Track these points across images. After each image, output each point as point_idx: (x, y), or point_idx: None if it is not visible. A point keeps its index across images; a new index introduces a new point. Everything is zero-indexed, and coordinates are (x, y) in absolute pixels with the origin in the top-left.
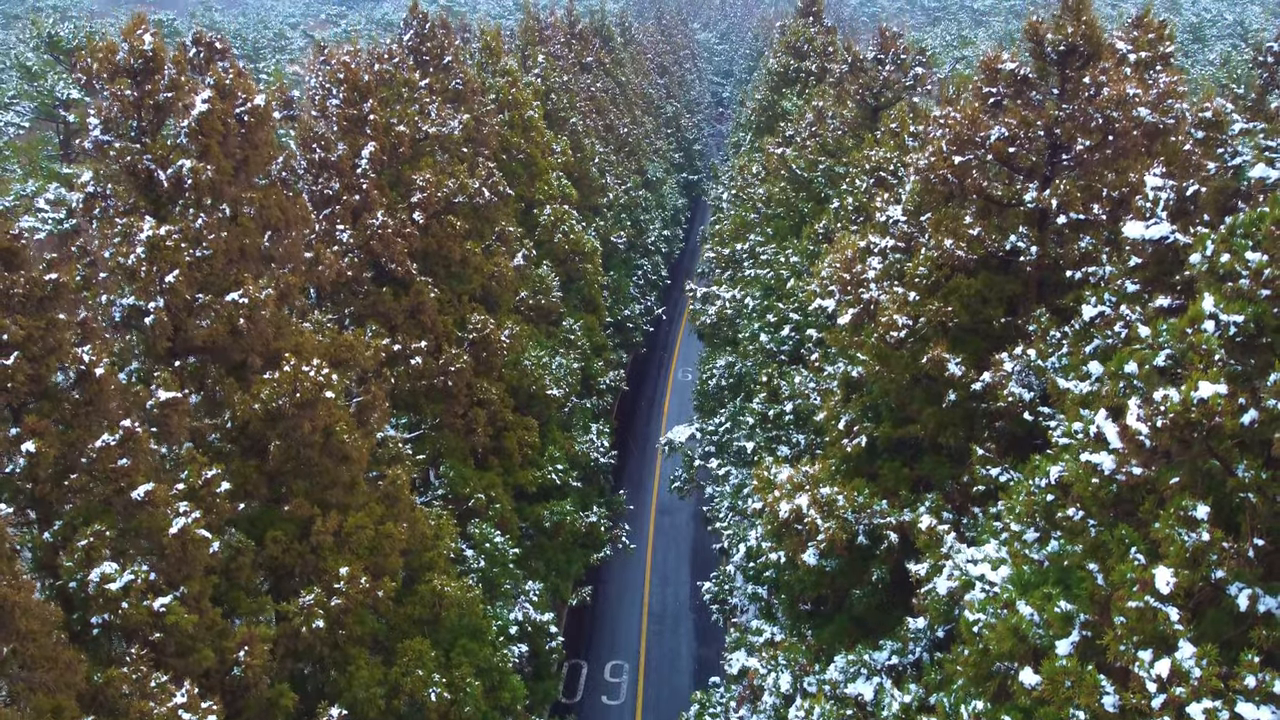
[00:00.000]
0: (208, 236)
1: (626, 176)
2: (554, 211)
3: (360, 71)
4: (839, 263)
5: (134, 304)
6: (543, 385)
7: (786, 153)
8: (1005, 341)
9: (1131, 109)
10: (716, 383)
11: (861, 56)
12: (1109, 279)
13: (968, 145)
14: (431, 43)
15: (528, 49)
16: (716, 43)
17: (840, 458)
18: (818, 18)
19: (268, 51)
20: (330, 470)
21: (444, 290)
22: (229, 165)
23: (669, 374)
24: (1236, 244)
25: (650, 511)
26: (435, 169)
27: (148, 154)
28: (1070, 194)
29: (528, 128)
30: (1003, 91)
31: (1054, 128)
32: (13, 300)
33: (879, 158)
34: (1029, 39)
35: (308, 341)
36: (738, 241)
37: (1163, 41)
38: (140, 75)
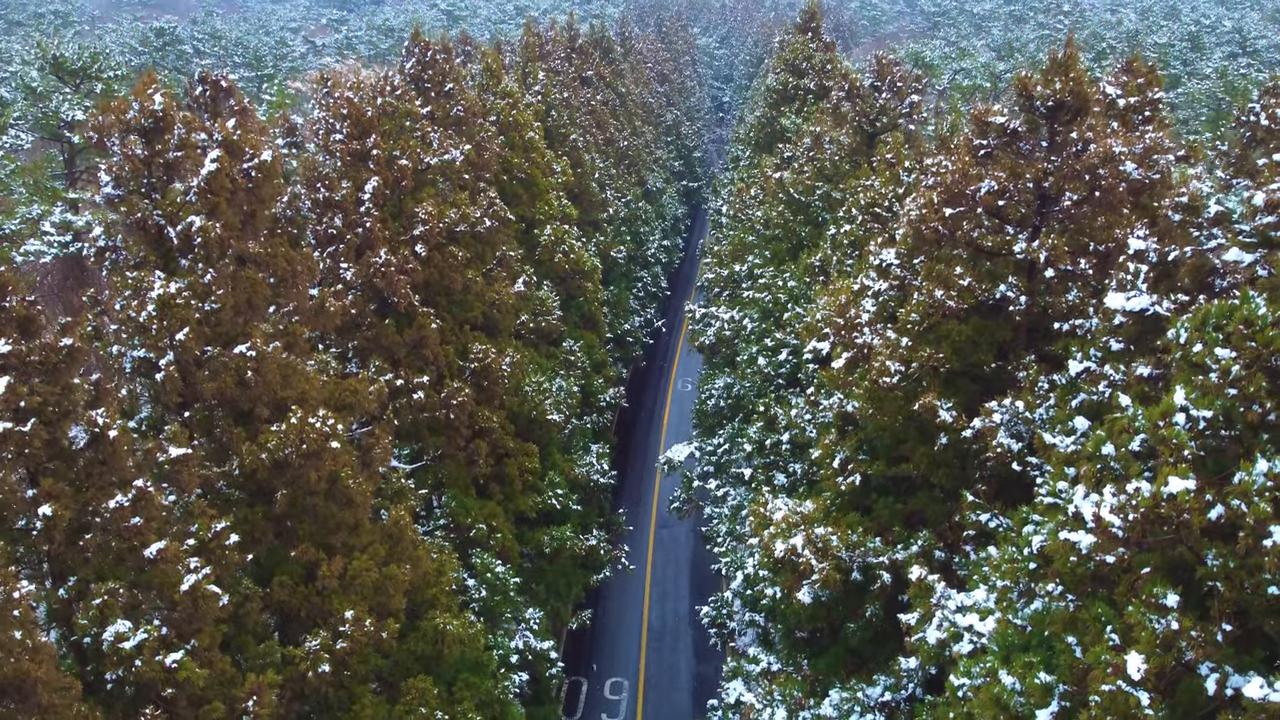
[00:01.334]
0: (216, 291)
1: (626, 189)
2: (554, 231)
3: (364, 106)
4: (833, 306)
5: (144, 356)
6: (543, 411)
7: (785, 176)
8: (996, 385)
9: (1118, 165)
10: (715, 403)
11: (859, 83)
12: (1095, 332)
13: (958, 198)
14: (433, 70)
15: (528, 65)
16: (716, 47)
17: (834, 494)
18: (816, 33)
19: (269, 59)
20: (335, 514)
21: (446, 319)
22: (236, 220)
23: (669, 385)
24: (1208, 335)
25: (650, 525)
26: (437, 199)
27: (157, 209)
28: (1058, 248)
29: (528, 149)
30: (993, 143)
31: (1043, 181)
32: (30, 367)
33: (874, 194)
34: (1019, 94)
35: (313, 388)
36: (736, 262)
37: (1151, 87)
38: (151, 133)
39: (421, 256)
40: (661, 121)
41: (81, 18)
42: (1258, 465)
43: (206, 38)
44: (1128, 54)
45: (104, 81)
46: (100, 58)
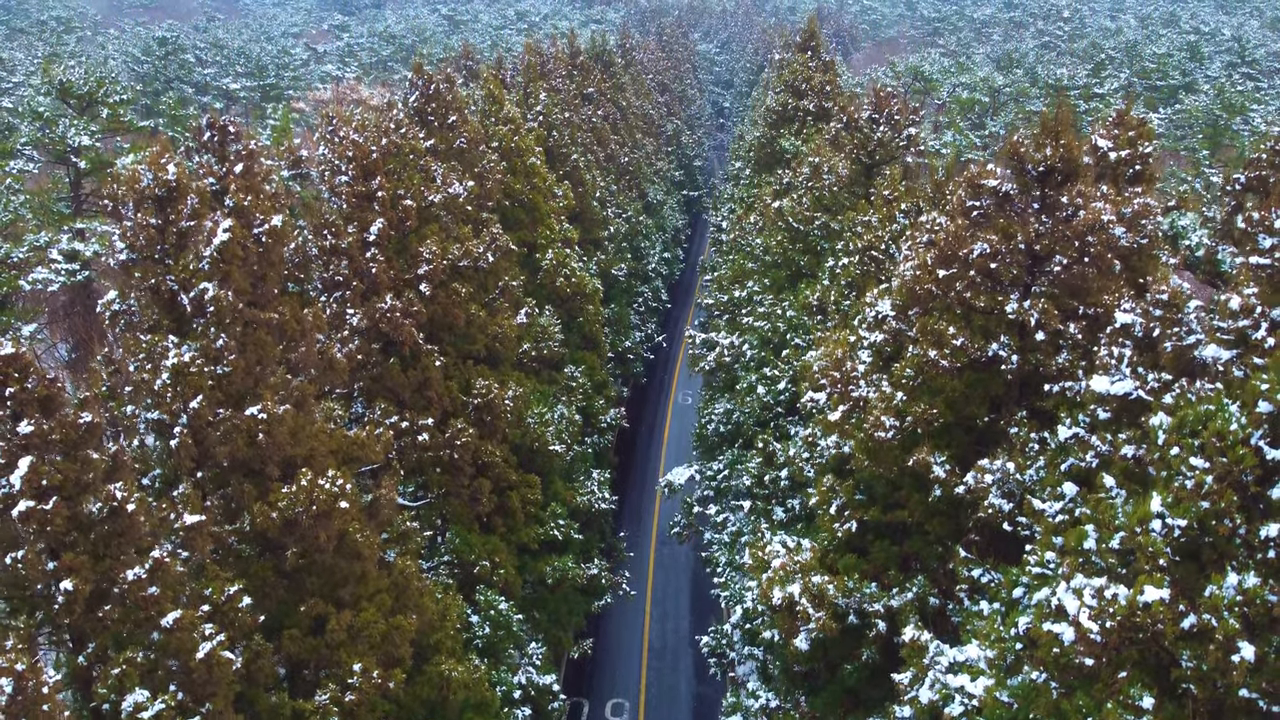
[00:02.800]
0: (228, 356)
1: (627, 204)
2: (556, 255)
3: (368, 146)
4: (830, 359)
5: (158, 418)
6: (545, 441)
7: (784, 205)
8: (989, 436)
9: (1107, 232)
10: (715, 428)
11: (856, 115)
12: (1084, 396)
13: (952, 260)
14: (436, 103)
15: (529, 86)
16: (717, 53)
17: (831, 537)
18: (816, 52)
19: (271, 68)
20: (343, 567)
21: (449, 352)
22: (247, 284)
23: (669, 400)
24: (1184, 441)
25: (650, 543)
26: (440, 234)
27: (170, 275)
28: (1048, 311)
29: (530, 174)
30: (986, 204)
31: (1034, 243)
32: (51, 445)
33: (871, 234)
34: (1010, 158)
35: (321, 443)
36: (736, 288)
37: (1142, 141)
38: (164, 202)
39: (426, 295)
40: (662, 132)
41: (83, 22)
42: (1228, 579)
43: (209, 46)
44: (1125, 64)
45: (110, 106)
46: (106, 82)
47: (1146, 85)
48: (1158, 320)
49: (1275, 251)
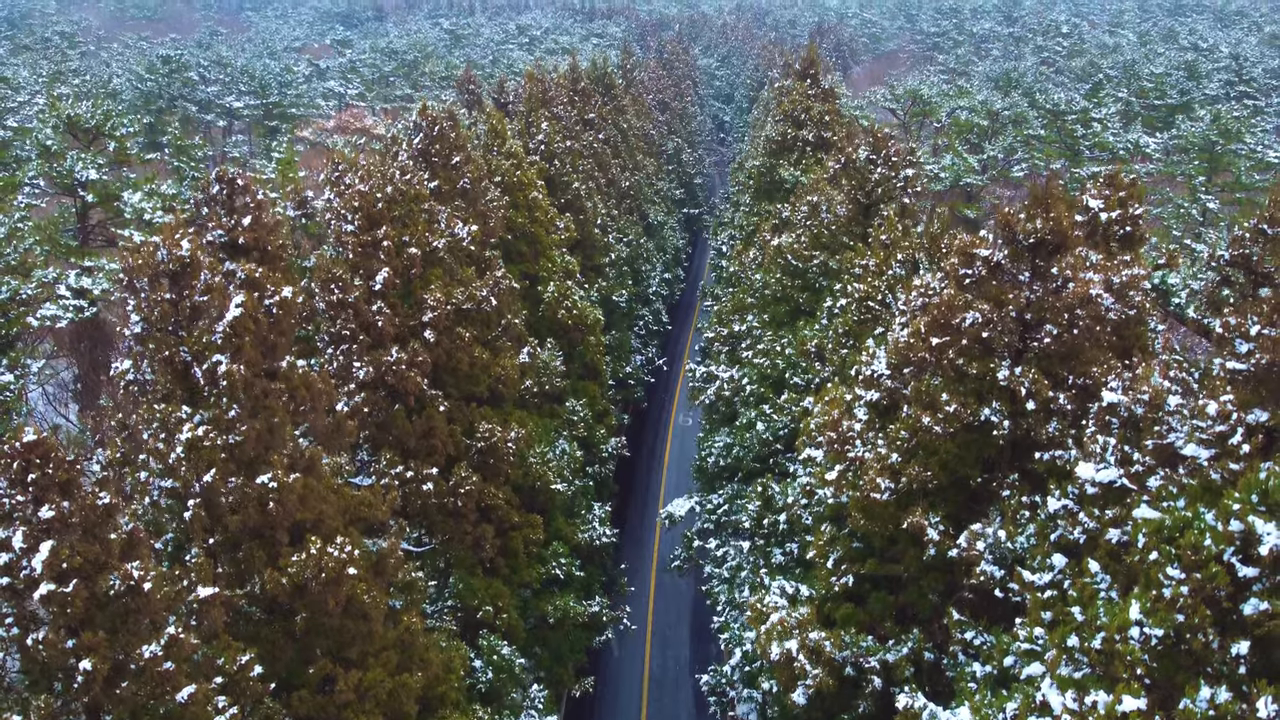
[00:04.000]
0: (239, 427)
1: (628, 229)
2: (557, 287)
3: (374, 195)
4: (826, 417)
5: (171, 486)
6: (547, 481)
7: (783, 242)
8: (983, 495)
9: (1095, 305)
10: (715, 462)
11: (855, 157)
12: (1075, 459)
13: (945, 328)
14: (440, 144)
15: (531, 115)
16: (717, 67)
17: (828, 589)
18: (815, 80)
19: (274, 86)
20: (351, 628)
21: (452, 394)
22: (259, 355)
23: (669, 421)
24: (1162, 549)
25: (651, 569)
26: (444, 278)
27: (184, 346)
28: (1038, 382)
29: (532, 208)
30: (978, 272)
31: (1025, 312)
32: (71, 527)
33: (868, 284)
34: (1002, 229)
35: (330, 506)
36: (736, 321)
37: (1132, 201)
38: (178, 277)
39: (430, 342)
40: (662, 151)
41: (87, 37)
42: (1201, 692)
43: (212, 64)
44: (1123, 83)
45: (116, 139)
46: (113, 115)
47: (1145, 104)
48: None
49: (1251, 357)
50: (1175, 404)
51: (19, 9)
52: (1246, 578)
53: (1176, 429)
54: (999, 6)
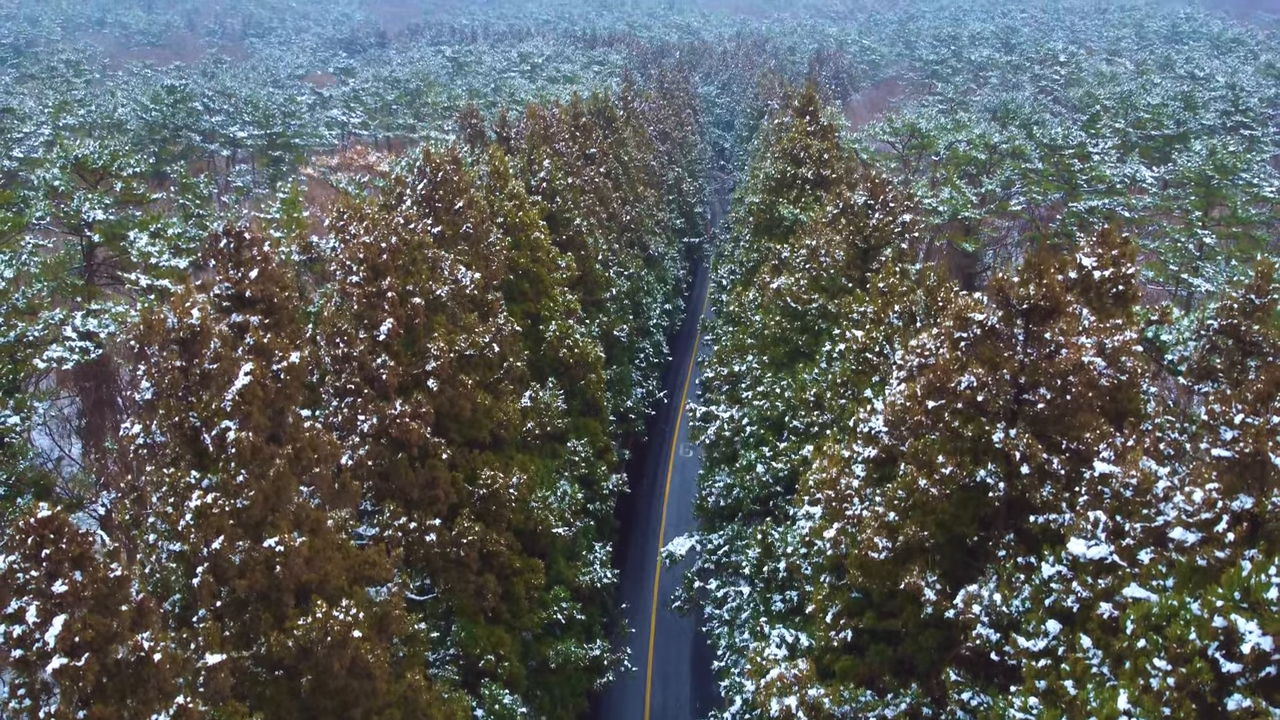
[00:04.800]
0: (247, 492)
1: (629, 262)
2: (559, 326)
3: (379, 246)
4: (825, 474)
5: (180, 550)
6: (549, 524)
7: (782, 284)
8: (980, 552)
9: (1088, 372)
10: (715, 501)
11: (853, 201)
12: (1067, 530)
13: (940, 391)
14: (443, 189)
15: (533, 153)
16: (717, 95)
17: (827, 643)
18: (814, 117)
19: (278, 116)
20: (355, 687)
21: (455, 441)
22: (266, 420)
23: (670, 452)
24: (1149, 638)
25: (652, 604)
26: (447, 324)
27: (193, 411)
28: (1032, 446)
29: (534, 248)
30: (973, 336)
31: (1019, 375)
32: (83, 601)
33: (867, 336)
34: (995, 294)
35: (335, 566)
36: (736, 361)
37: (1125, 260)
38: (188, 345)
39: (433, 391)
40: (663, 181)
41: (92, 65)
42: None
43: (217, 94)
44: (1120, 113)
45: (123, 180)
46: (120, 156)
47: (1142, 135)
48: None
49: (1236, 444)
50: (1163, 487)
51: (24, 35)
52: (1230, 673)
53: (1165, 511)
54: (997, 34)
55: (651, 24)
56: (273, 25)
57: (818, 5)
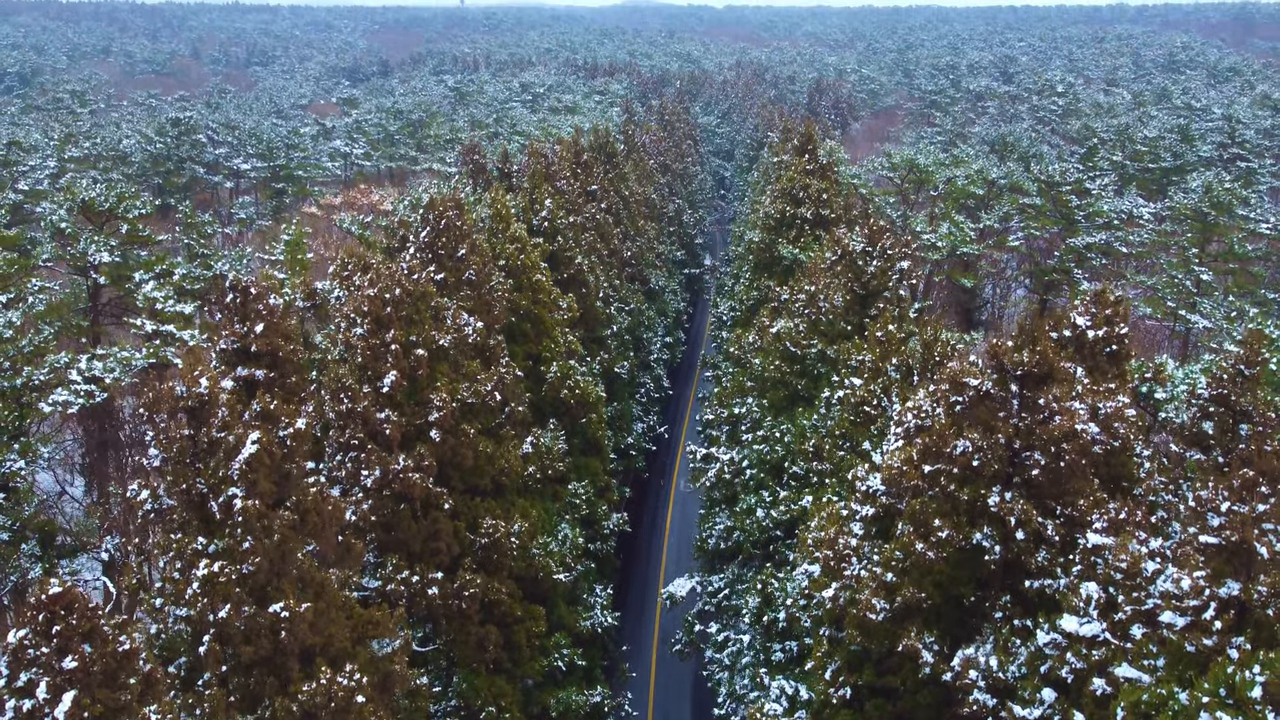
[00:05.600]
0: (253, 558)
1: (630, 297)
2: (560, 367)
3: (383, 299)
4: (823, 532)
5: (187, 615)
6: (549, 571)
7: (781, 328)
8: (977, 612)
9: (1080, 440)
10: (716, 543)
11: (851, 249)
12: (1062, 598)
13: (936, 456)
14: (447, 236)
15: (535, 192)
16: (717, 125)
17: (826, 698)
18: (814, 156)
19: (282, 149)
20: None
21: (456, 490)
22: (272, 487)
23: (670, 486)
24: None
25: (652, 642)
26: (450, 373)
27: (200, 478)
28: (1027, 512)
29: (536, 290)
30: (969, 400)
31: (1013, 440)
32: (92, 676)
33: (864, 391)
34: (990, 359)
35: (339, 628)
36: (736, 404)
37: (1118, 320)
38: (196, 413)
39: (435, 441)
40: (664, 214)
41: (98, 95)
42: None
43: (221, 127)
44: (1118, 146)
45: (129, 221)
46: (126, 198)
47: (1139, 167)
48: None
49: (1223, 531)
50: (1152, 568)
51: (30, 64)
52: None
53: (1154, 593)
54: (995, 63)
55: (652, 52)
56: (276, 54)
57: (817, 33)
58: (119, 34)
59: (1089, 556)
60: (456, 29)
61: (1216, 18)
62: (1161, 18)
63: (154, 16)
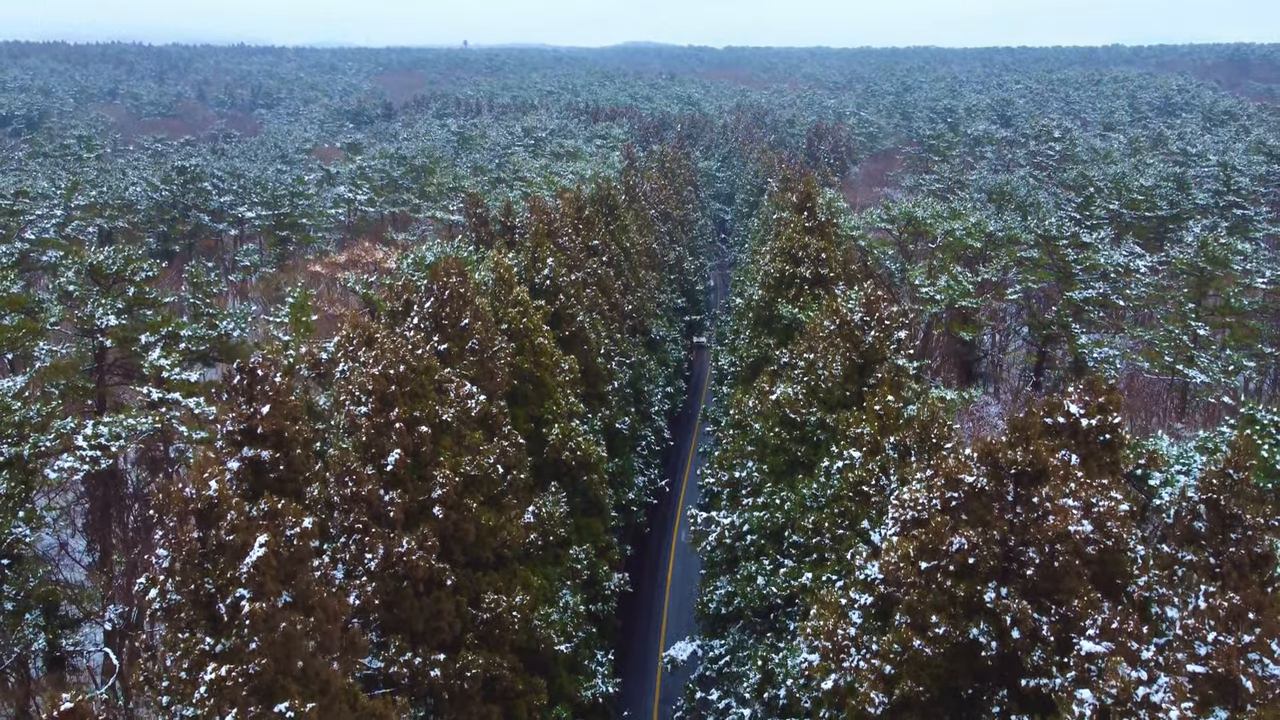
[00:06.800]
0: (259, 660)
1: (631, 351)
2: (562, 429)
3: (387, 375)
4: (821, 621)
5: (194, 715)
6: (552, 643)
7: (780, 394)
8: (977, 705)
9: (1073, 541)
10: (717, 609)
11: (849, 318)
12: (1058, 698)
13: (933, 553)
14: (451, 306)
15: (537, 250)
16: (718, 169)
17: None
18: (812, 213)
19: (286, 198)
20: None
21: (459, 563)
22: (279, 586)
23: (671, 539)
24: None
25: (653, 706)
26: (453, 446)
27: (208, 579)
28: (1023, 611)
29: (538, 353)
30: (963, 496)
31: (1008, 538)
32: None
33: (862, 471)
34: (984, 456)
35: None
36: (737, 468)
37: (1111, 408)
38: (205, 516)
39: (439, 518)
40: (664, 263)
41: (104, 139)
42: None
43: (226, 175)
44: (1114, 195)
45: (136, 284)
46: (134, 261)
47: (1136, 215)
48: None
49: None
50: (1142, 694)
51: (38, 106)
52: None
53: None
54: (993, 105)
55: (653, 95)
56: (281, 96)
57: (816, 75)
58: (126, 76)
59: (1083, 664)
60: (459, 70)
61: (1211, 59)
62: (1157, 58)
63: (161, 58)
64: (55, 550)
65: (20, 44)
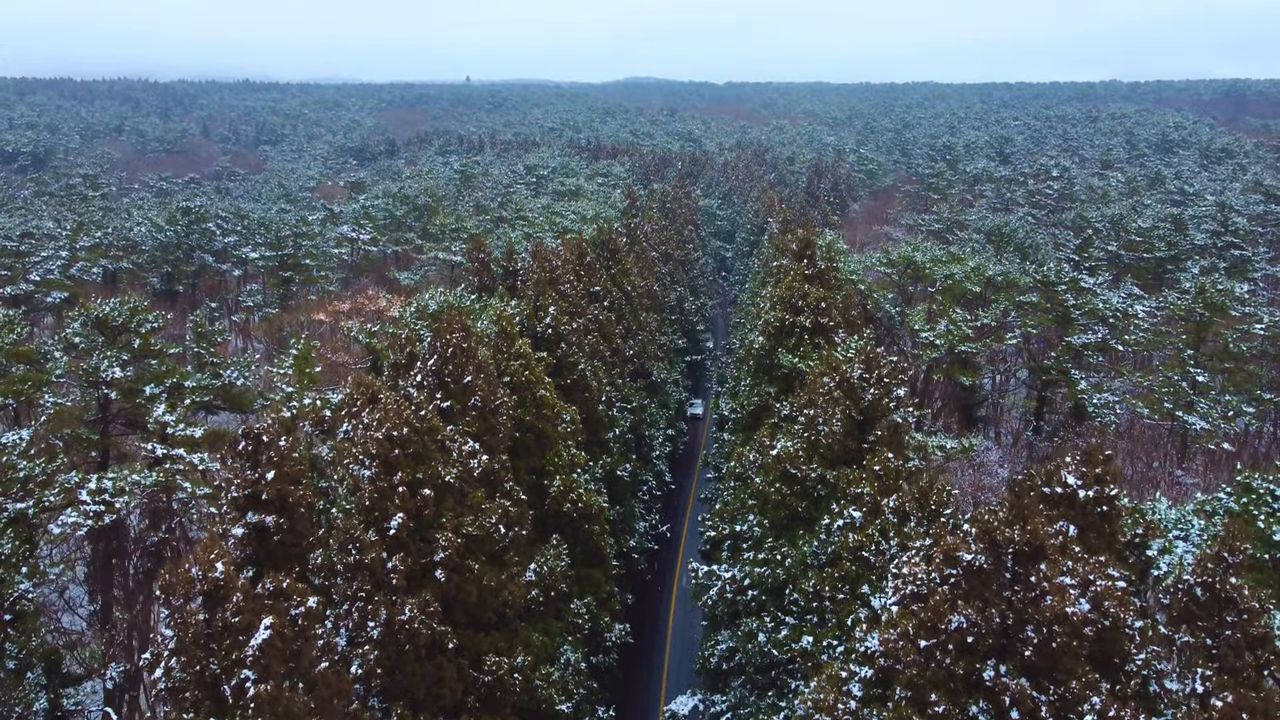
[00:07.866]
0: None
1: (632, 396)
2: (563, 481)
3: (390, 439)
4: (821, 695)
5: None
6: (553, 703)
7: (781, 449)
8: None
9: (1071, 623)
10: (718, 664)
11: (849, 375)
12: None
13: (932, 632)
14: (454, 364)
15: (539, 298)
16: (719, 207)
17: None
18: (812, 261)
19: (290, 238)
20: None
21: (460, 624)
22: (283, 668)
23: (672, 584)
24: None
25: None
26: (456, 506)
27: (213, 660)
28: (1021, 691)
29: (540, 405)
30: (962, 573)
31: (1007, 615)
32: None
33: (862, 536)
34: (981, 534)
35: None
36: (738, 521)
37: (1108, 479)
38: (211, 597)
39: (440, 580)
40: (665, 304)
41: (109, 177)
42: None
43: (231, 216)
44: (1113, 236)
45: (141, 336)
46: (139, 312)
47: (1134, 257)
48: None
49: None
50: None
51: (44, 143)
52: None
53: None
54: (991, 142)
55: (654, 132)
56: (285, 132)
57: (816, 111)
58: (132, 112)
59: None
60: (462, 106)
61: (1208, 95)
62: (1154, 94)
63: (166, 94)
64: (57, 598)
65: (27, 80)
